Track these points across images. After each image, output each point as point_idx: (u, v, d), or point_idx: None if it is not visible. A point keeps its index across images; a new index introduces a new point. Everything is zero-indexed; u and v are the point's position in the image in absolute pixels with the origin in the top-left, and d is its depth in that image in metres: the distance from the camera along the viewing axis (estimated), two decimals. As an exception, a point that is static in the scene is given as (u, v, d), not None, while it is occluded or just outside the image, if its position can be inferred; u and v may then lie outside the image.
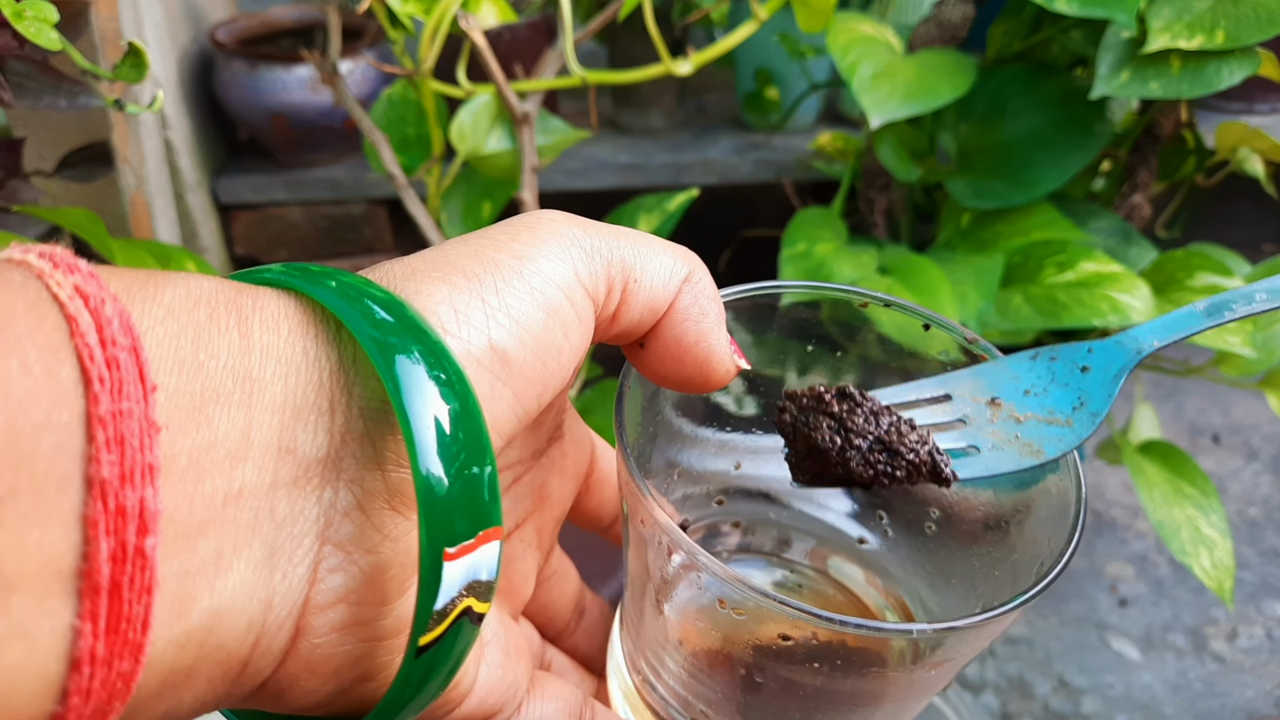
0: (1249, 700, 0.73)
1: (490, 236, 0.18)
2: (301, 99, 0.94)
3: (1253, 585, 0.83)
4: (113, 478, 0.13)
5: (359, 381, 0.16)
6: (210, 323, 0.15)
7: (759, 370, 0.26)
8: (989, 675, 0.76)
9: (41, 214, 0.53)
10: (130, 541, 0.13)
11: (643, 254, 0.20)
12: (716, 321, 0.21)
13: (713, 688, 0.23)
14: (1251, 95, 1.00)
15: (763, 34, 0.74)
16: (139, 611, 0.13)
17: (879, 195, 0.77)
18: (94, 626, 0.13)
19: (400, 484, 0.17)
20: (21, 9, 0.41)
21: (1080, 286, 0.62)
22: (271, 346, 0.16)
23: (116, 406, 0.13)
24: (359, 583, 0.16)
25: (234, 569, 0.15)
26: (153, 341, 0.14)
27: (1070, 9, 0.58)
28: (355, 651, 0.17)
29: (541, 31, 0.93)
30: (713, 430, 0.27)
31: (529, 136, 0.57)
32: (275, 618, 0.16)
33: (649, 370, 0.21)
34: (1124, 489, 0.94)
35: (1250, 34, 0.56)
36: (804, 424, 0.23)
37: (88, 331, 0.13)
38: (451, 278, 0.17)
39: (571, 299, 0.18)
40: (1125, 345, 0.23)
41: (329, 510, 0.16)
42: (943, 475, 0.23)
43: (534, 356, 0.18)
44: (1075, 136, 0.67)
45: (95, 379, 0.13)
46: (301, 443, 0.16)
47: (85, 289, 0.13)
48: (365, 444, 0.16)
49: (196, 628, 0.14)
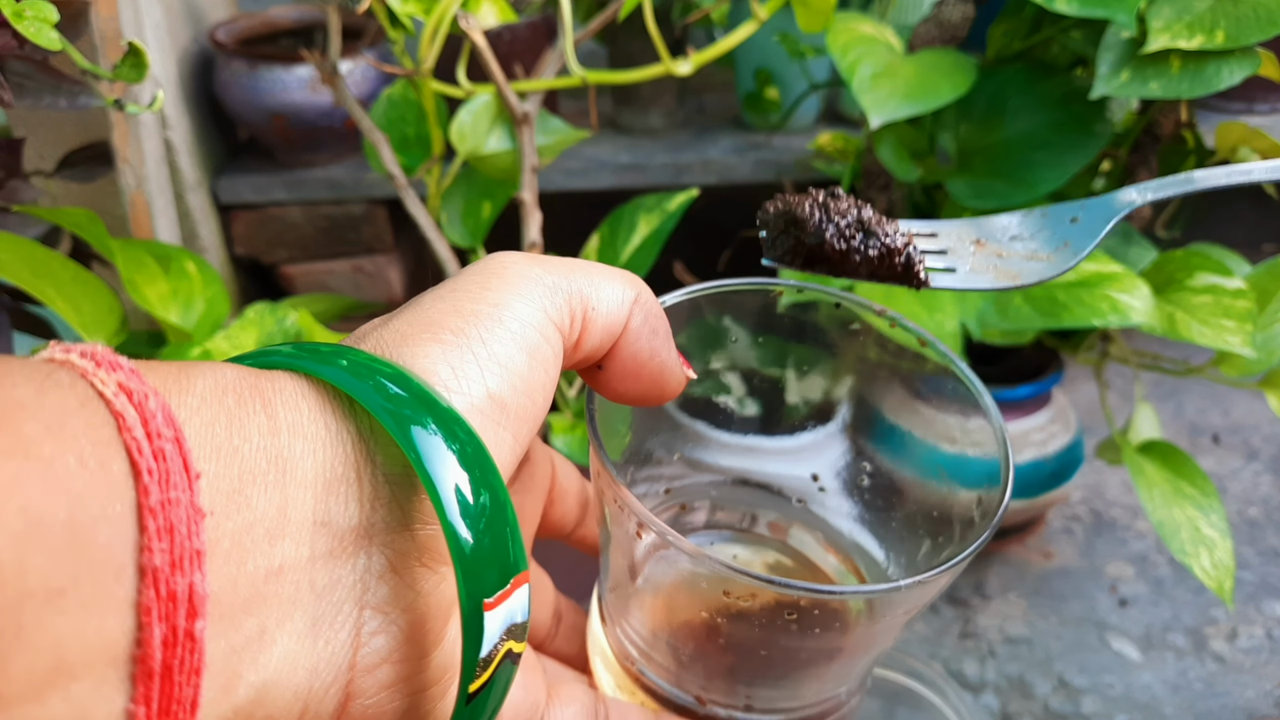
0: (1249, 700, 0.73)
1: (463, 289, 0.19)
2: (301, 99, 0.94)
3: (1253, 585, 0.83)
4: (164, 565, 0.13)
5: (379, 450, 0.17)
6: (239, 408, 0.16)
7: (760, 368, 0.27)
8: (989, 675, 0.76)
9: (42, 214, 0.53)
10: (180, 625, 0.13)
11: (596, 283, 0.21)
12: (666, 337, 0.22)
13: (697, 658, 0.24)
14: (1251, 95, 1.00)
15: (763, 34, 0.74)
16: (189, 693, 0.14)
17: (879, 195, 0.77)
18: (148, 710, 0.13)
19: (428, 541, 0.17)
20: (21, 9, 0.41)
21: (1080, 286, 0.62)
22: (297, 425, 0.16)
23: (165, 496, 0.13)
24: (400, 641, 0.17)
25: (278, 642, 0.15)
26: (191, 431, 0.15)
27: (1070, 9, 0.58)
28: (403, 706, 0.18)
29: (541, 31, 0.93)
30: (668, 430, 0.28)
31: (529, 136, 0.57)
32: (321, 684, 0.16)
33: (608, 390, 0.22)
34: (1124, 489, 0.94)
35: (1250, 34, 0.56)
36: (788, 203, 0.24)
37: (134, 426, 0.14)
38: (440, 336, 0.18)
39: (546, 337, 0.19)
40: (1113, 200, 0.24)
41: (364, 576, 0.17)
42: (914, 270, 0.23)
43: (524, 397, 0.19)
44: (1075, 136, 0.67)
45: (144, 471, 0.13)
46: (335, 514, 0.16)
47: (128, 385, 0.14)
48: (393, 508, 0.17)
49: (244, 702, 0.15)
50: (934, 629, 0.79)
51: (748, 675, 0.24)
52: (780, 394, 0.27)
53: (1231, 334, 0.61)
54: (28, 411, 0.13)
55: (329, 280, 1.08)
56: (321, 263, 1.07)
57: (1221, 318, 0.62)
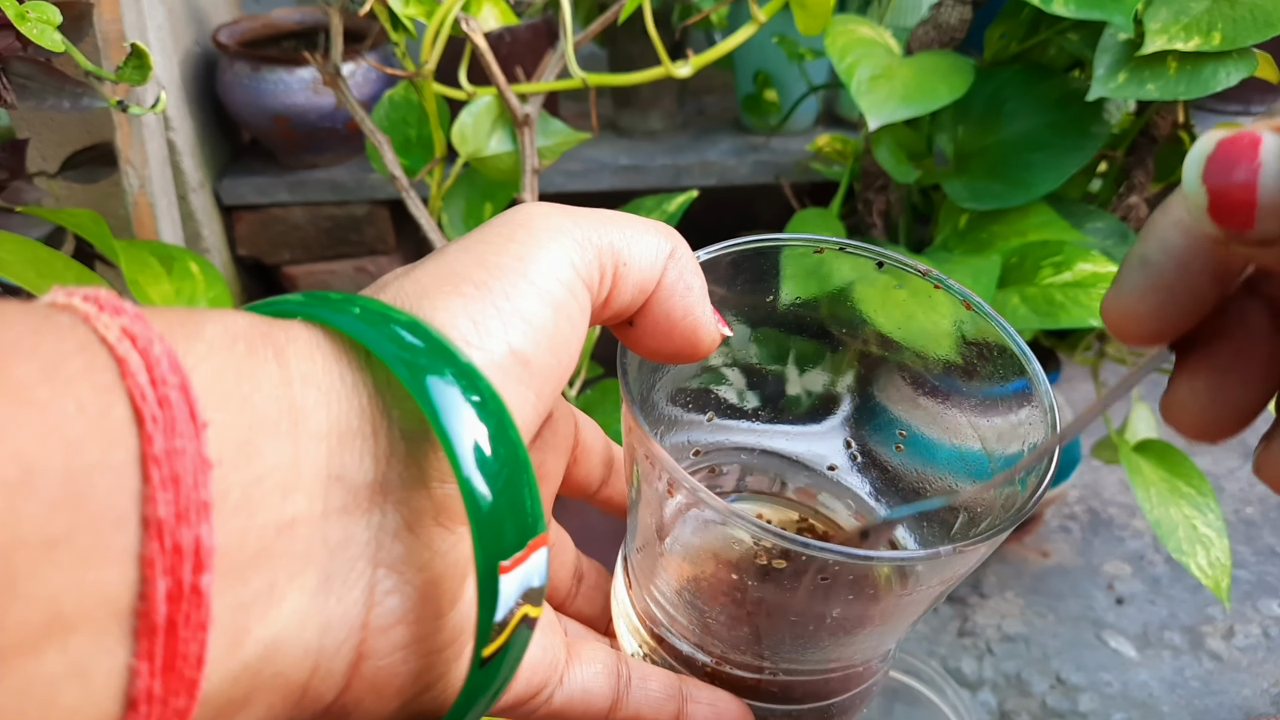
0: (1246, 699, 0.73)
1: (488, 240, 0.19)
2: (304, 101, 0.94)
3: (1249, 584, 0.84)
4: (169, 516, 0.13)
5: (396, 404, 0.16)
6: (250, 356, 0.15)
7: (761, 365, 0.27)
8: (986, 673, 0.76)
9: (45, 215, 0.53)
10: (186, 580, 0.13)
11: (629, 237, 0.20)
12: (701, 294, 0.21)
13: (724, 622, 0.24)
14: (1248, 97, 1.01)
15: (762, 36, 0.75)
16: (194, 649, 0.13)
17: (877, 196, 0.77)
18: (150, 666, 0.13)
19: (445, 500, 0.17)
20: (25, 10, 0.42)
21: (1077, 287, 0.62)
22: (310, 375, 0.16)
23: (170, 445, 0.13)
24: (414, 601, 0.17)
25: (288, 599, 0.15)
26: (199, 379, 0.14)
27: (1067, 11, 0.58)
28: (417, 667, 0.17)
29: (542, 34, 0.93)
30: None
31: (530, 138, 0.58)
32: (333, 642, 0.16)
33: (639, 346, 0.22)
34: (1121, 488, 0.94)
35: (1247, 36, 0.56)
36: None
37: (138, 372, 0.13)
38: (462, 289, 0.17)
39: (573, 292, 0.19)
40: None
41: (379, 533, 0.16)
42: None
43: (549, 354, 0.18)
44: (1072, 138, 0.68)
45: (149, 418, 0.13)
46: (349, 468, 0.16)
47: (132, 330, 0.14)
48: (410, 465, 0.17)
49: (252, 659, 0.14)
50: (932, 627, 0.80)
51: (774, 640, 0.23)
52: (809, 379, 0.28)
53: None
54: (21, 354, 0.12)
55: (331, 281, 1.08)
56: (324, 263, 1.07)
57: (1217, 318, 0.62)
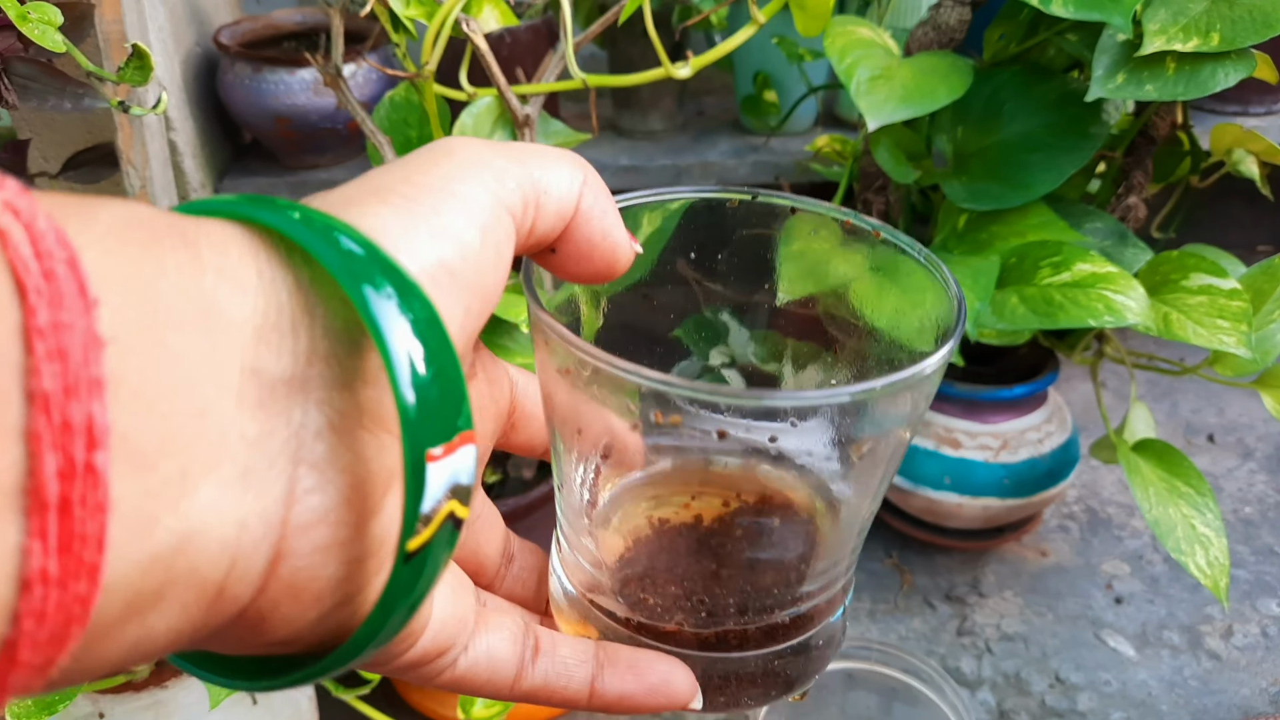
0: (1244, 698, 0.73)
1: (413, 164, 0.19)
2: (305, 102, 0.94)
3: (1248, 583, 0.84)
4: (56, 390, 0.12)
5: (320, 303, 0.16)
6: (153, 243, 0.15)
7: (759, 364, 0.27)
8: (985, 672, 0.76)
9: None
10: (79, 457, 0.12)
11: (547, 167, 0.21)
12: (615, 217, 0.22)
13: (658, 568, 0.24)
14: (1247, 97, 1.01)
15: (761, 37, 0.75)
16: (93, 529, 0.13)
17: (876, 197, 0.77)
18: (44, 545, 0.12)
19: (370, 403, 0.17)
20: (26, 11, 0.42)
21: (1076, 287, 0.62)
22: (224, 268, 0.15)
23: (56, 318, 0.12)
24: (336, 502, 0.16)
25: (201, 490, 0.14)
26: (91, 258, 0.13)
27: (1066, 11, 0.58)
28: (337, 574, 0.17)
29: (542, 35, 0.93)
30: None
31: (530, 139, 0.58)
32: (250, 539, 0.15)
33: (562, 271, 0.22)
34: (1119, 487, 0.94)
35: (1245, 36, 0.57)
36: None
37: (21, 244, 0.13)
38: (390, 200, 0.18)
39: (498, 218, 0.19)
40: None
41: (300, 431, 0.16)
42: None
43: (475, 274, 0.18)
44: (1071, 139, 0.68)
45: (32, 290, 0.12)
46: (266, 363, 0.15)
47: (14, 203, 0.13)
48: (332, 364, 0.16)
49: (163, 548, 0.14)
50: (930, 626, 0.80)
51: (712, 583, 0.23)
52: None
53: (1226, 334, 0.61)
54: None
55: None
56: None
57: (1216, 318, 0.62)
